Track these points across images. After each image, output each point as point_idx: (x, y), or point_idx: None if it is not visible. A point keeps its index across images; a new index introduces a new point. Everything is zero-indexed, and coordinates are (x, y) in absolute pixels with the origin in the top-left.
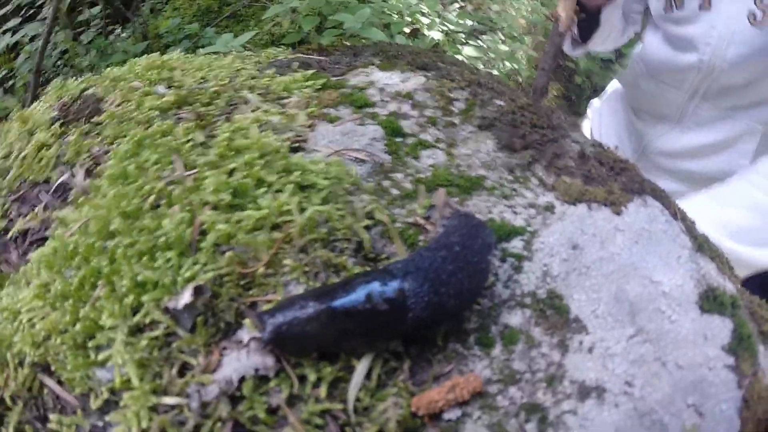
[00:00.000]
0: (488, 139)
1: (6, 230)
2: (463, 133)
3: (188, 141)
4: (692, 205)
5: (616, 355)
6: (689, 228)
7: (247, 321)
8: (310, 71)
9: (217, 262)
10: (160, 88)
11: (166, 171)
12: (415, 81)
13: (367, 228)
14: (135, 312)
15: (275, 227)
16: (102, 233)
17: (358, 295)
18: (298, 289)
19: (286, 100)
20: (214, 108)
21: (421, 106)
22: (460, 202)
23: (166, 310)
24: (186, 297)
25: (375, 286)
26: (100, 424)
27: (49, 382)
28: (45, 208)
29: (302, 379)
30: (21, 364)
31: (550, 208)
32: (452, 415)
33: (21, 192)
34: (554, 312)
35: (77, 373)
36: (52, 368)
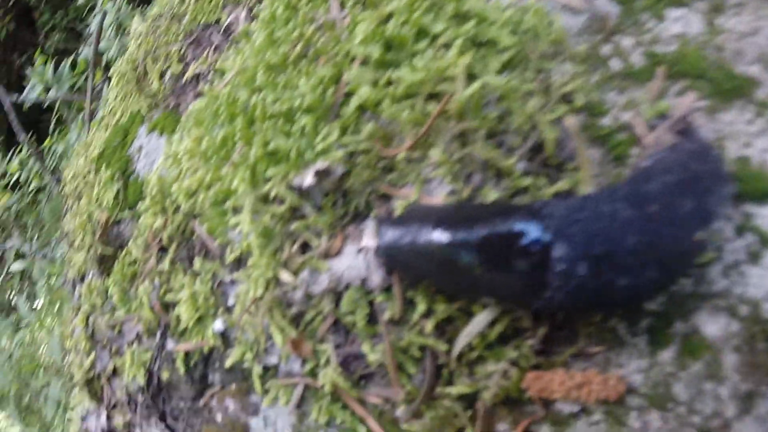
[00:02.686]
0: None
1: (182, 73)
2: None
3: None
4: None
5: None
6: None
7: (374, 214)
8: None
9: (357, 135)
10: None
11: (319, 11)
12: None
13: (559, 120)
14: (266, 181)
15: (432, 97)
16: (249, 87)
17: (475, 240)
18: (441, 191)
19: None
20: None
21: None
22: (708, 112)
23: (293, 187)
24: (309, 178)
25: (508, 231)
26: (229, 278)
27: (198, 229)
28: (215, 50)
29: (412, 302)
30: (177, 209)
31: None
32: (569, 408)
33: (195, 35)
34: None
35: (218, 228)
36: (199, 219)
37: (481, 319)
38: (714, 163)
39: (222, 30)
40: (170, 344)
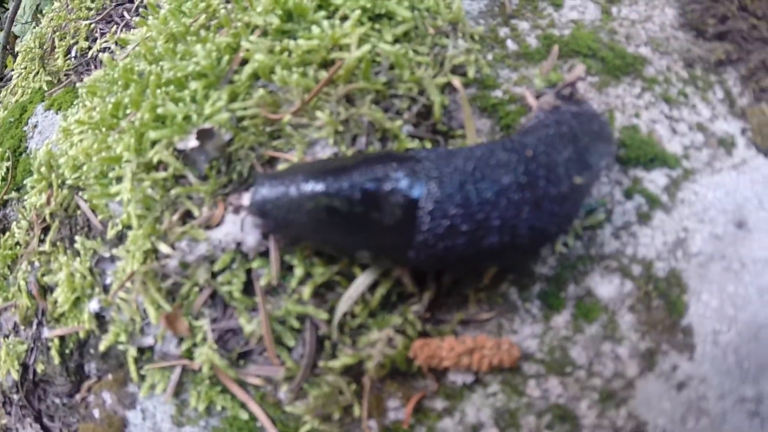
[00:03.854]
0: (668, 6)
1: (89, 49)
2: None
3: None
4: None
5: (705, 415)
6: None
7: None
8: None
9: (247, 101)
10: None
11: None
12: None
13: (446, 88)
14: (152, 146)
15: (326, 65)
16: (148, 56)
17: (346, 184)
18: (325, 153)
19: None
20: None
21: None
22: (599, 86)
23: (177, 151)
24: (192, 140)
25: (375, 177)
26: (108, 255)
27: (82, 204)
28: (125, 26)
29: (290, 268)
30: (62, 185)
31: (727, 144)
32: (461, 379)
33: (107, 10)
34: (664, 305)
35: (100, 201)
36: (84, 192)
37: (361, 281)
38: (599, 125)
39: (135, 7)
40: (46, 332)
